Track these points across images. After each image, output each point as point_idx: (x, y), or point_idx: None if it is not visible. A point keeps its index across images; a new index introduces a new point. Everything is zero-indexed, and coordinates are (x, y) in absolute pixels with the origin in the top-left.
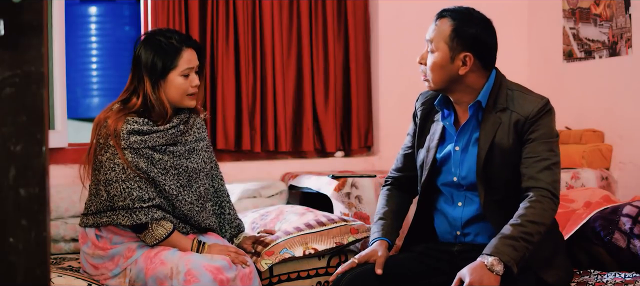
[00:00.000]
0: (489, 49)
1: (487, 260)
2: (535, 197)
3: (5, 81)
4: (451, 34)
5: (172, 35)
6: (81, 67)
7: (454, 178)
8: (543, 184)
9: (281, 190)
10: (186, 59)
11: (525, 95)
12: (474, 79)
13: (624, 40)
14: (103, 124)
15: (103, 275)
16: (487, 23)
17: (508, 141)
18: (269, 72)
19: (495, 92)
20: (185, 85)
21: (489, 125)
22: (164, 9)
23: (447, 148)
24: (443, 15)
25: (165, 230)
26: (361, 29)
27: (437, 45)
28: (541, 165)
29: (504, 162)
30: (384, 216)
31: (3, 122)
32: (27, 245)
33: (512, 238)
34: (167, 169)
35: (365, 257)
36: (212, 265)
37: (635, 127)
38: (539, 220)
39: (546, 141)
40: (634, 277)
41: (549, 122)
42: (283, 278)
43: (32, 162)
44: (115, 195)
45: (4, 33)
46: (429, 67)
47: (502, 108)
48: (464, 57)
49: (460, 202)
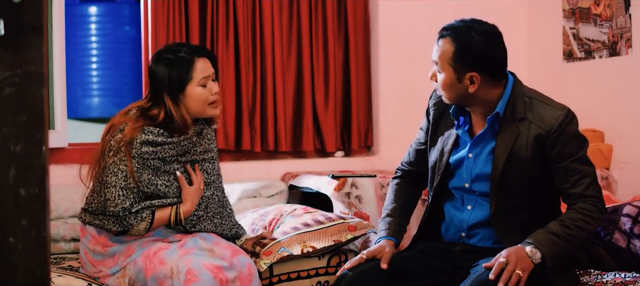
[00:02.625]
0: (494, 62)
1: (527, 247)
2: (587, 206)
3: (5, 81)
4: (453, 56)
5: (180, 48)
6: (81, 67)
7: (465, 184)
8: (591, 199)
9: (281, 190)
10: (200, 68)
11: (545, 104)
12: (487, 93)
13: (624, 40)
14: (119, 128)
15: (102, 273)
16: (490, 36)
17: (527, 153)
18: (269, 72)
19: (512, 101)
20: (204, 94)
21: (507, 135)
22: (164, 9)
23: (461, 153)
24: (444, 35)
25: (146, 223)
26: (361, 29)
27: (442, 67)
28: (586, 182)
29: (521, 172)
30: (392, 213)
31: (3, 122)
32: (27, 244)
33: (556, 235)
34: (172, 181)
35: (373, 252)
36: (212, 264)
37: (636, 127)
38: (585, 227)
39: (580, 157)
40: (634, 277)
41: (574, 132)
42: (283, 278)
43: (32, 162)
44: (108, 199)
45: (3, 33)
46: (440, 85)
47: (521, 118)
48: (470, 76)
49: (470, 205)
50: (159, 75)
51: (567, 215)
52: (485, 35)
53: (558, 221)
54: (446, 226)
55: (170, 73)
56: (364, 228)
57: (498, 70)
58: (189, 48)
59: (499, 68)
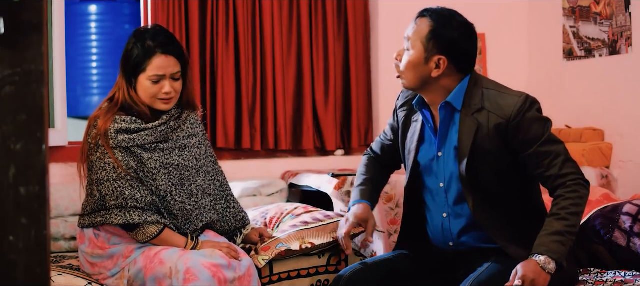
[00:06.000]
0: (465, 54)
1: (539, 259)
2: (571, 187)
3: (5, 79)
4: (428, 35)
5: (150, 36)
6: (81, 66)
7: (440, 184)
8: (571, 176)
9: (281, 188)
10: (156, 65)
11: (502, 93)
12: (447, 82)
13: (624, 39)
14: (93, 124)
15: (101, 275)
16: (467, 28)
17: (490, 144)
18: (269, 71)
19: (469, 93)
20: (153, 89)
21: (467, 129)
22: (164, 8)
23: (429, 151)
24: (424, 15)
25: (157, 228)
26: (361, 28)
27: (413, 44)
28: (559, 161)
29: (488, 164)
30: (364, 182)
31: (3, 120)
32: (27, 243)
33: (559, 234)
34: (158, 168)
35: (359, 217)
36: (211, 263)
37: (636, 126)
38: (579, 210)
39: (546, 139)
40: (634, 276)
41: (535, 116)
42: (283, 277)
43: (32, 161)
44: (106, 195)
45: (4, 31)
46: (404, 65)
47: (478, 109)
48: (438, 59)
49: (446, 213)
50: (123, 54)
51: (558, 206)
52: (464, 26)
53: (554, 217)
54: (432, 232)
55: (128, 56)
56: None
57: (465, 63)
58: (158, 41)
59: (468, 60)
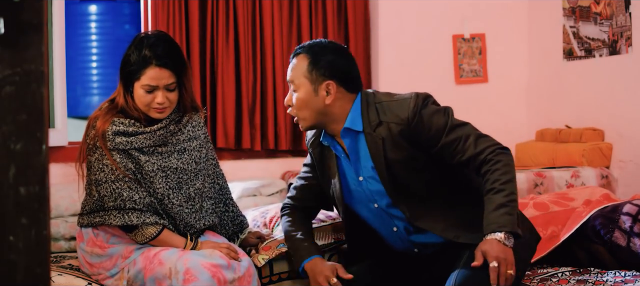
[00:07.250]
0: (347, 73)
1: (497, 236)
2: (493, 159)
3: (5, 79)
4: (308, 67)
5: (153, 47)
6: (81, 66)
7: (374, 205)
8: (488, 149)
9: (281, 188)
10: (150, 76)
11: (394, 101)
12: (340, 106)
13: (624, 39)
14: (92, 124)
15: (100, 275)
16: (341, 50)
17: (401, 153)
18: (269, 71)
19: (365, 112)
20: (146, 98)
21: (374, 146)
22: (164, 8)
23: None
24: (297, 53)
25: (156, 229)
26: (361, 28)
27: (298, 83)
28: (471, 141)
29: (407, 172)
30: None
31: (3, 120)
32: (27, 243)
33: (502, 206)
34: (155, 171)
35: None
36: (210, 263)
37: (636, 126)
38: (511, 176)
39: (450, 126)
40: (634, 276)
41: (432, 110)
42: (283, 277)
43: (32, 161)
44: (105, 196)
45: (4, 31)
46: (296, 106)
47: (377, 124)
48: (326, 85)
49: (395, 227)
50: (122, 58)
51: (489, 181)
52: (337, 49)
53: (491, 193)
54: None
55: (125, 62)
56: None
57: (352, 82)
58: (154, 52)
59: (353, 79)
